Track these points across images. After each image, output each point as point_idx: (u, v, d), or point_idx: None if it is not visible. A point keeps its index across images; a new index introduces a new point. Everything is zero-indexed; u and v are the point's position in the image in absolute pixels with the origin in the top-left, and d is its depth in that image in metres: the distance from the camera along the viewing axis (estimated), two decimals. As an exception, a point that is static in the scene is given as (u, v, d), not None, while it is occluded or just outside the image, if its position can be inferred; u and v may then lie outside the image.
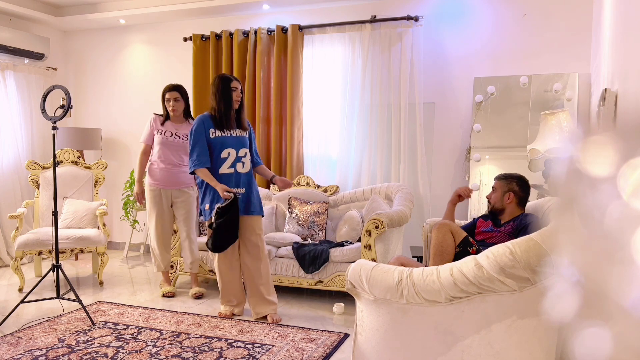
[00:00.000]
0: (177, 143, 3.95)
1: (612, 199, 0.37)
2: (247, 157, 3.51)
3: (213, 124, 3.43)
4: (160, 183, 3.94)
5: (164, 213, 3.98)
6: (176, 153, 3.95)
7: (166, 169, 3.93)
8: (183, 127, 3.99)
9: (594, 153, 0.39)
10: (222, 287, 3.54)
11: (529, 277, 1.71)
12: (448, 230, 2.71)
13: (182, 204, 4.00)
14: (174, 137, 3.94)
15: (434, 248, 2.71)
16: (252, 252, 3.49)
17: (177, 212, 4.03)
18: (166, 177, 3.93)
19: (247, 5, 4.98)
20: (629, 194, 0.36)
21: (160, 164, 3.92)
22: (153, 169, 3.95)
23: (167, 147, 3.93)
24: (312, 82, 4.88)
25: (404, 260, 2.90)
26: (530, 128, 4.14)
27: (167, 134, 3.94)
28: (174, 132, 3.94)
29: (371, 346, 2.00)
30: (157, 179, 3.94)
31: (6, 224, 5.16)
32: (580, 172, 0.40)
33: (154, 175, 3.94)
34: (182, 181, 3.99)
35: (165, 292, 4.03)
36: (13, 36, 5.13)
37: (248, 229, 3.49)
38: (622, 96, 2.05)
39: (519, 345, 1.78)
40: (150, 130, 3.97)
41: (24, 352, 2.89)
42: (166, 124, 3.95)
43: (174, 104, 3.91)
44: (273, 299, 3.53)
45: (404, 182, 4.52)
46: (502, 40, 4.40)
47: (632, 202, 0.36)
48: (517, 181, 2.83)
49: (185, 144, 3.94)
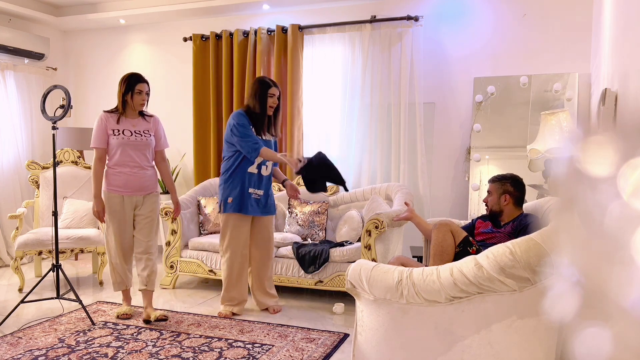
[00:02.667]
0: (140, 142, 3.40)
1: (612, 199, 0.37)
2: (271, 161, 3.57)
3: (250, 123, 3.48)
4: (124, 189, 3.38)
5: (126, 223, 3.42)
6: (141, 153, 3.41)
7: (132, 172, 3.38)
8: (140, 123, 3.44)
9: (594, 153, 0.39)
10: (227, 284, 3.55)
11: (529, 277, 1.71)
12: (448, 230, 2.71)
13: (148, 212, 3.46)
14: (134, 135, 3.39)
15: (434, 248, 2.71)
16: (262, 247, 3.65)
17: (140, 221, 3.45)
18: (132, 182, 3.39)
19: (247, 5, 4.98)
20: (629, 194, 0.36)
21: (123, 168, 3.37)
22: (112, 175, 3.37)
23: (131, 148, 3.37)
24: (312, 82, 4.88)
25: (404, 260, 2.90)
26: (530, 128, 4.14)
27: (127, 133, 3.37)
28: (134, 130, 3.40)
29: (371, 346, 2.00)
30: (119, 184, 3.37)
31: (6, 224, 5.16)
32: (580, 172, 0.40)
33: (115, 181, 3.37)
34: (148, 185, 3.46)
35: (121, 313, 3.47)
36: (13, 36, 5.13)
37: (262, 227, 3.63)
38: (622, 96, 2.05)
39: (519, 345, 1.78)
40: (102, 131, 3.35)
41: (24, 352, 2.89)
42: (122, 122, 3.39)
43: (145, 97, 3.42)
44: (274, 293, 3.74)
45: (404, 182, 4.52)
46: (502, 40, 4.40)
47: (632, 202, 0.36)
48: (510, 182, 2.82)
49: (149, 140, 3.44)
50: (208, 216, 4.44)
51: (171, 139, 5.53)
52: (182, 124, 5.52)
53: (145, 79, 3.47)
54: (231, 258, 3.52)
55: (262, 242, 3.64)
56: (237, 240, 3.50)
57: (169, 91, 5.60)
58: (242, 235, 3.52)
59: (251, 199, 3.48)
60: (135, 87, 3.39)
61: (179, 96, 5.56)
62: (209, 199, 4.51)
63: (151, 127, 3.47)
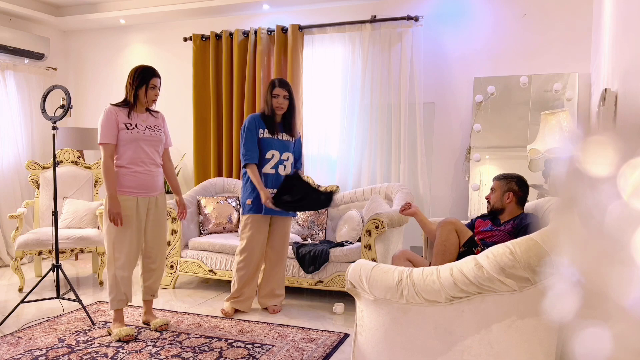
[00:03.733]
0: (154, 137, 3.21)
1: (612, 199, 0.37)
2: (290, 160, 3.60)
3: (264, 124, 3.52)
4: (139, 190, 3.13)
5: (140, 230, 3.17)
6: (154, 150, 3.22)
7: (146, 171, 3.16)
8: (149, 118, 3.25)
9: (594, 153, 0.39)
10: (238, 280, 3.55)
11: (529, 277, 1.71)
12: (453, 229, 2.69)
13: (161, 214, 3.28)
14: (148, 130, 3.18)
15: (437, 247, 2.69)
16: (278, 248, 3.67)
17: (153, 225, 3.24)
18: (147, 182, 3.16)
19: (247, 5, 4.98)
20: (629, 194, 0.36)
21: (137, 166, 3.12)
22: (125, 175, 3.11)
23: (145, 144, 3.15)
24: (312, 82, 4.88)
25: (409, 255, 2.89)
26: (530, 128, 4.14)
27: (140, 127, 3.15)
28: (145, 125, 3.19)
29: (371, 346, 2.00)
30: (133, 185, 3.11)
31: (6, 224, 5.16)
32: (580, 172, 0.40)
33: (129, 181, 3.11)
34: (160, 185, 3.28)
35: (123, 335, 3.07)
36: (13, 36, 5.13)
37: (280, 228, 3.64)
38: (622, 96, 2.05)
39: (519, 345, 1.78)
40: (113, 125, 3.09)
41: (24, 352, 2.89)
42: (133, 116, 3.16)
43: (158, 92, 3.24)
44: (281, 292, 3.73)
45: (404, 182, 4.52)
46: (502, 40, 4.40)
47: (632, 202, 0.36)
48: (516, 181, 2.83)
49: (161, 136, 3.27)
50: (208, 216, 4.44)
51: (171, 139, 5.54)
52: (182, 124, 5.52)
53: (159, 73, 3.28)
54: (248, 258, 3.54)
55: (277, 244, 3.65)
56: (255, 241, 3.53)
57: (169, 91, 5.60)
58: (261, 235, 3.55)
59: None
60: (150, 81, 3.17)
61: (179, 96, 5.56)
62: (209, 199, 4.51)
63: (160, 123, 3.30)
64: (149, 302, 3.36)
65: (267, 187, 3.49)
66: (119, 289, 3.12)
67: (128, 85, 3.18)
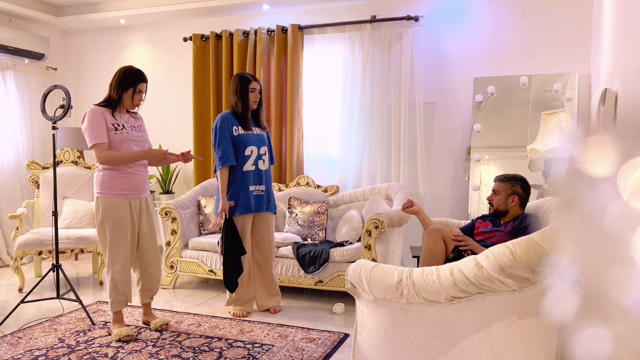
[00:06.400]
0: (141, 137, 3.15)
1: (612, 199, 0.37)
2: (267, 155, 3.56)
3: (237, 122, 3.46)
4: (132, 191, 3.09)
5: (134, 233, 3.15)
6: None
7: (137, 172, 3.11)
8: (131, 119, 3.18)
9: (594, 153, 0.39)
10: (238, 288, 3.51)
11: (529, 277, 1.71)
12: (440, 236, 2.67)
13: (151, 216, 3.23)
14: (132, 130, 3.12)
15: (424, 255, 2.68)
16: (263, 248, 3.60)
17: (146, 228, 3.22)
18: (138, 183, 3.12)
19: (247, 5, 4.98)
20: (629, 194, 0.36)
21: (128, 167, 3.06)
22: (116, 177, 3.04)
23: (134, 145, 3.10)
24: (312, 82, 4.88)
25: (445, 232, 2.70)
26: (530, 128, 4.14)
27: (127, 127, 3.10)
28: (130, 126, 3.13)
29: (371, 346, 2.00)
30: (125, 187, 3.06)
31: (6, 224, 5.16)
32: (580, 172, 0.40)
33: (120, 183, 3.04)
34: (148, 185, 3.25)
35: (124, 336, 3.07)
36: (13, 36, 5.13)
37: (262, 225, 3.58)
38: (622, 96, 2.05)
39: (519, 345, 1.78)
40: (103, 125, 3.01)
41: (24, 352, 2.89)
42: (117, 117, 3.10)
43: (142, 97, 3.18)
44: (277, 291, 3.68)
45: (404, 182, 4.52)
46: (502, 40, 4.40)
47: (632, 202, 0.36)
48: (520, 183, 2.80)
49: (146, 136, 3.22)
50: (208, 216, 4.44)
51: (171, 139, 5.54)
52: (182, 124, 5.52)
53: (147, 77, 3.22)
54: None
55: (262, 243, 3.59)
56: (245, 242, 3.49)
57: (169, 91, 5.60)
58: (248, 235, 3.53)
59: (253, 195, 3.48)
60: (137, 85, 3.11)
61: (179, 96, 5.56)
62: (209, 199, 4.51)
63: (142, 123, 3.26)
64: (148, 303, 3.36)
65: (250, 185, 3.44)
66: (118, 291, 3.13)
67: (113, 85, 3.10)
